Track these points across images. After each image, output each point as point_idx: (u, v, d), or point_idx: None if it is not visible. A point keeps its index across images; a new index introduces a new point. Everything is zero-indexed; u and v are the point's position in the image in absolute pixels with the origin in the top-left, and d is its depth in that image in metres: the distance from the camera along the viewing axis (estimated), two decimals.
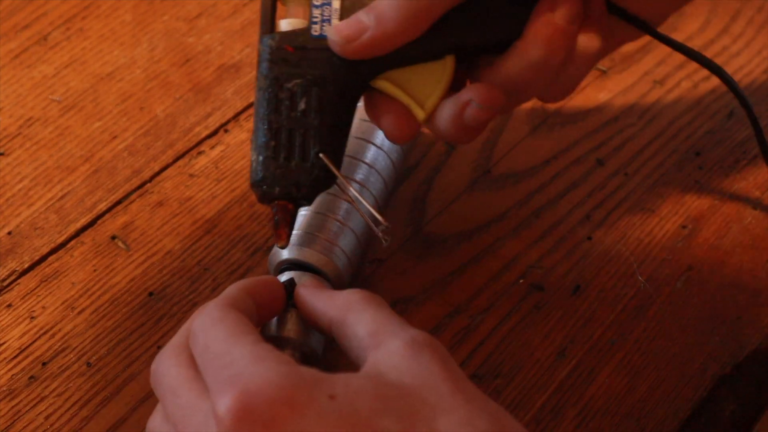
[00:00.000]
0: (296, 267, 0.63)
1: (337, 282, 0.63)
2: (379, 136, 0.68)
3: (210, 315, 0.53)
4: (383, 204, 0.68)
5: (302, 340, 0.59)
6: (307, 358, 0.60)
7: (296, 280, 0.61)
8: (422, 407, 0.49)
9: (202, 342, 0.52)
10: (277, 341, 0.60)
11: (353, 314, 0.54)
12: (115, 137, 0.75)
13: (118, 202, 0.71)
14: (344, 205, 0.65)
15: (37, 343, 0.65)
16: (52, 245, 0.69)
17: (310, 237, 0.63)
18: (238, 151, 0.74)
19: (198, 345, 0.52)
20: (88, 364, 0.64)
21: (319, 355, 0.61)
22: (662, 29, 0.82)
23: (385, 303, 0.55)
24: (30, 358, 0.64)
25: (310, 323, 0.58)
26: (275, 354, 0.50)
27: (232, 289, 0.56)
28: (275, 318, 0.60)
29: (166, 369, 0.53)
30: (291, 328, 0.60)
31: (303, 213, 0.65)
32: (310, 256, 0.63)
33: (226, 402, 0.48)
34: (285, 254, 0.63)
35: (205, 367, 0.51)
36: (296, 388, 0.48)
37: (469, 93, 0.60)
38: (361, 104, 0.63)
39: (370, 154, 0.67)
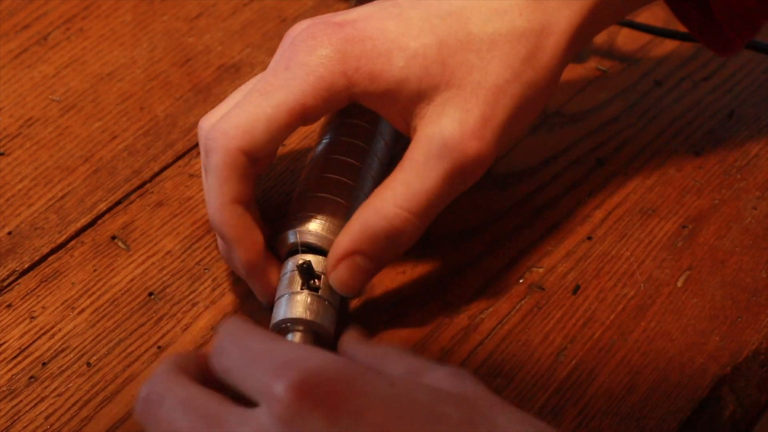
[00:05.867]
0: (305, 250, 0.64)
1: None
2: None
3: (234, 328, 0.51)
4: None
5: (314, 320, 0.60)
6: (319, 337, 0.61)
7: (313, 265, 0.62)
8: (478, 405, 0.49)
9: (237, 348, 0.49)
10: (290, 322, 0.61)
11: (390, 361, 0.53)
12: (115, 137, 0.75)
13: (118, 202, 0.71)
14: (348, 187, 0.65)
15: (37, 343, 0.65)
16: (52, 245, 0.69)
17: (315, 219, 0.64)
18: None
19: (232, 354, 0.49)
20: (88, 364, 0.64)
21: (332, 335, 0.61)
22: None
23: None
24: (30, 358, 0.64)
25: None
26: (325, 351, 0.49)
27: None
28: (286, 298, 0.61)
29: (165, 391, 0.50)
30: (303, 309, 0.60)
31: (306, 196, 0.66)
32: (318, 240, 0.63)
33: (287, 381, 0.46)
34: (292, 238, 0.64)
35: (249, 366, 0.48)
36: (356, 371, 0.48)
37: None
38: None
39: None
